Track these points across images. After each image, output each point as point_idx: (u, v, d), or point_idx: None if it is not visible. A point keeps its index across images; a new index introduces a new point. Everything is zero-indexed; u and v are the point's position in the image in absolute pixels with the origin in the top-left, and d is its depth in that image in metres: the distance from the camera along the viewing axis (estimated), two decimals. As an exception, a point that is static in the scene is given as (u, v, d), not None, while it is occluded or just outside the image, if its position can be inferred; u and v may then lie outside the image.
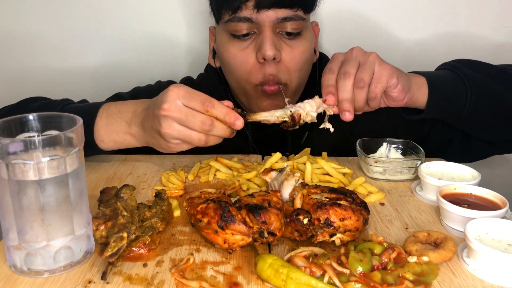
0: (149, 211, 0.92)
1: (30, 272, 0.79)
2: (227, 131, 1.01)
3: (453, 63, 1.25)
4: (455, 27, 1.73)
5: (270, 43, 1.22)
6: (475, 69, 1.22)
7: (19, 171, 0.74)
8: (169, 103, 0.98)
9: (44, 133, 0.82)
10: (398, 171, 1.17)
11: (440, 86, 1.17)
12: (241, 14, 1.22)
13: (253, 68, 1.27)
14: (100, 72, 1.79)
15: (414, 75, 1.17)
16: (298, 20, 1.24)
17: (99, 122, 1.14)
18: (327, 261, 0.78)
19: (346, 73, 1.03)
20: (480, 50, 1.74)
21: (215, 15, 1.32)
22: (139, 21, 1.74)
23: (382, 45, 1.72)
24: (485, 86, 1.21)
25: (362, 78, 1.03)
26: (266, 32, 1.23)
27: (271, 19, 1.22)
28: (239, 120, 0.99)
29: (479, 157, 1.45)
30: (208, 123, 0.98)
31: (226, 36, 1.29)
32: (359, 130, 1.29)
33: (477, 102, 1.18)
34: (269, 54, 1.21)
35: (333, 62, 1.07)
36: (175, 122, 0.99)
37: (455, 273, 0.81)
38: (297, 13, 1.24)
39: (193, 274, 0.80)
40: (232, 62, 1.30)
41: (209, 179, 1.18)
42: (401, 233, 0.94)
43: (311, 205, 0.88)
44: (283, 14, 1.22)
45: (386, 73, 1.06)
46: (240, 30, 1.25)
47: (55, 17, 1.73)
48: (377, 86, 1.05)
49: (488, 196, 0.97)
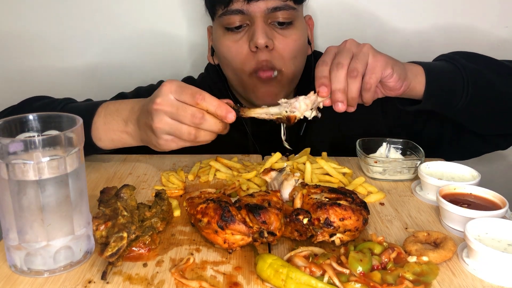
0: (149, 211, 0.92)
1: (30, 272, 0.79)
2: (218, 125, 1.00)
3: (450, 54, 1.25)
4: (455, 26, 1.73)
5: (261, 31, 1.26)
6: (472, 61, 1.22)
7: (19, 171, 0.74)
8: (161, 97, 0.98)
9: (44, 133, 0.82)
10: (398, 171, 1.17)
11: (437, 76, 1.16)
12: (233, 7, 1.27)
13: (247, 57, 1.30)
14: (102, 72, 1.79)
15: (411, 64, 1.17)
16: (289, 9, 1.28)
17: (97, 120, 1.14)
18: (327, 261, 0.78)
19: (339, 64, 1.02)
20: (479, 48, 1.73)
21: (209, 11, 1.37)
22: (141, 20, 1.74)
23: (378, 38, 1.72)
24: (482, 77, 1.20)
25: (356, 68, 1.01)
26: (257, 22, 1.27)
27: (262, 10, 1.26)
28: (231, 113, 0.98)
29: (471, 153, 1.45)
30: (198, 116, 0.97)
31: (221, 31, 1.33)
32: (355, 125, 1.32)
33: (474, 93, 1.18)
34: (260, 42, 1.25)
35: (326, 55, 1.06)
36: (166, 116, 0.98)
37: (455, 273, 0.81)
38: (287, 3, 1.28)
39: (193, 274, 0.80)
40: (227, 54, 1.33)
41: (209, 179, 1.18)
42: (401, 233, 0.94)
43: (311, 205, 0.88)
44: (273, 4, 1.26)
45: (380, 64, 1.04)
46: (233, 23, 1.29)
47: (56, 17, 1.73)
48: (371, 77, 1.03)
49: (488, 196, 0.97)
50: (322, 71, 1.04)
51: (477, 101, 1.20)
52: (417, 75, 1.14)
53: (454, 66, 1.20)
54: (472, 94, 1.18)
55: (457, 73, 1.19)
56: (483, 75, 1.20)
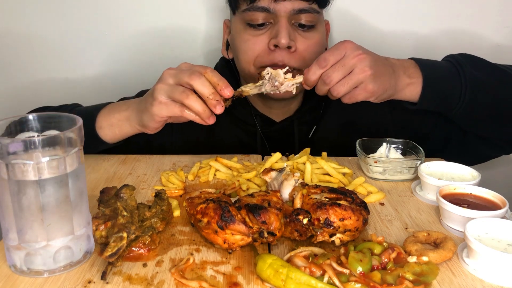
0: (149, 211, 0.92)
1: (30, 272, 0.79)
2: (210, 90, 1.03)
3: (459, 57, 1.25)
4: (455, 27, 1.73)
5: (285, 31, 1.25)
6: (477, 67, 1.23)
7: (19, 171, 0.74)
8: (172, 68, 1.09)
9: (44, 133, 0.82)
10: (398, 171, 1.17)
11: (435, 81, 1.19)
12: (259, 4, 1.27)
13: (262, 52, 1.30)
14: (105, 78, 1.79)
15: (409, 69, 1.19)
16: (313, 13, 1.29)
17: (103, 111, 1.22)
18: (326, 261, 0.78)
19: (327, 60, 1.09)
20: (479, 49, 1.73)
21: (231, 4, 1.36)
22: (151, 20, 1.73)
23: (380, 40, 1.72)
24: (482, 84, 1.21)
25: (330, 76, 1.08)
26: (282, 21, 1.26)
27: (288, 10, 1.26)
28: (228, 89, 1.04)
29: (477, 158, 1.45)
30: (197, 74, 1.03)
31: (242, 25, 1.32)
32: (362, 124, 1.33)
33: (471, 99, 1.19)
34: (283, 42, 1.24)
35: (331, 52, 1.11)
36: (170, 78, 1.06)
37: (454, 273, 0.81)
38: (312, 6, 1.28)
39: (193, 274, 0.80)
40: (242, 46, 1.33)
41: (209, 179, 1.18)
42: (401, 233, 0.94)
43: (311, 205, 0.88)
44: (299, 5, 1.26)
45: (362, 95, 1.11)
46: (256, 20, 1.29)
47: (62, 19, 1.71)
48: (344, 86, 1.09)
49: (487, 196, 0.97)
50: None
51: (475, 107, 1.22)
52: (410, 84, 1.18)
53: (456, 72, 1.21)
54: (469, 101, 1.20)
55: (456, 79, 1.20)
56: (484, 82, 1.22)
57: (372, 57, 1.11)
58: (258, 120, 1.44)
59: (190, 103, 1.03)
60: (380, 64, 1.13)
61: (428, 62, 1.22)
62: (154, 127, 1.13)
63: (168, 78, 1.07)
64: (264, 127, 1.46)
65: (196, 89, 1.03)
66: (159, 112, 1.07)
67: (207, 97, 1.03)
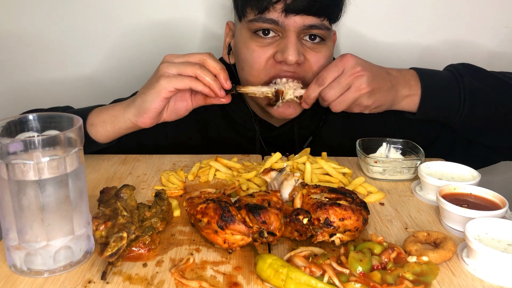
0: (149, 211, 0.92)
1: (30, 272, 0.79)
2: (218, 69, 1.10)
3: (460, 67, 1.25)
4: (456, 27, 1.73)
5: (294, 48, 1.20)
6: (478, 77, 1.24)
7: (19, 171, 0.74)
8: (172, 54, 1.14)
9: (44, 133, 0.82)
10: (397, 171, 1.17)
11: (434, 92, 1.22)
12: (268, 16, 1.21)
13: (267, 64, 1.25)
14: (104, 77, 1.79)
15: (409, 81, 1.22)
16: (324, 29, 1.24)
17: (95, 110, 1.22)
18: (326, 261, 0.78)
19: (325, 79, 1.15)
20: (480, 49, 1.74)
21: (238, 12, 1.29)
22: (150, 19, 1.73)
23: (380, 49, 1.73)
24: (484, 99, 1.23)
25: (326, 94, 1.15)
26: (291, 37, 1.21)
27: (298, 25, 1.20)
28: (228, 81, 1.11)
29: (483, 162, 1.45)
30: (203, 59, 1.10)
31: (248, 33, 1.26)
32: (367, 131, 1.33)
33: (470, 113, 1.22)
34: (291, 59, 1.19)
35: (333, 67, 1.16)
36: (176, 57, 1.12)
37: (454, 273, 0.81)
38: (323, 23, 1.23)
39: (193, 274, 0.80)
40: (247, 57, 1.27)
41: (209, 179, 1.18)
42: (400, 233, 0.94)
43: (310, 205, 0.88)
44: (310, 21, 1.21)
45: (357, 109, 1.18)
46: (264, 30, 1.24)
47: (60, 19, 1.72)
48: (341, 103, 1.15)
49: (487, 196, 0.97)
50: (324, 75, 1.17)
51: (475, 118, 1.24)
52: (409, 96, 1.22)
53: (455, 81, 1.23)
54: (468, 112, 1.22)
55: (456, 90, 1.22)
56: (484, 93, 1.23)
57: (370, 73, 1.13)
58: (257, 124, 1.42)
59: (202, 73, 1.08)
60: (379, 79, 1.15)
61: (428, 72, 1.24)
62: (153, 111, 1.13)
63: (173, 57, 1.11)
64: (263, 131, 1.44)
65: (206, 66, 1.09)
66: (168, 84, 1.09)
67: (217, 73, 1.10)
